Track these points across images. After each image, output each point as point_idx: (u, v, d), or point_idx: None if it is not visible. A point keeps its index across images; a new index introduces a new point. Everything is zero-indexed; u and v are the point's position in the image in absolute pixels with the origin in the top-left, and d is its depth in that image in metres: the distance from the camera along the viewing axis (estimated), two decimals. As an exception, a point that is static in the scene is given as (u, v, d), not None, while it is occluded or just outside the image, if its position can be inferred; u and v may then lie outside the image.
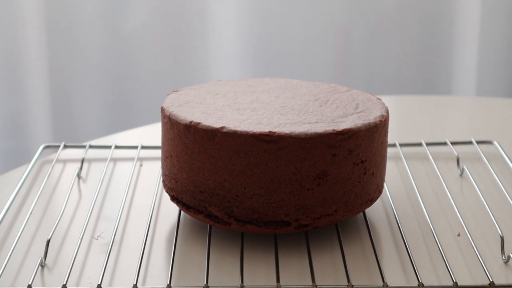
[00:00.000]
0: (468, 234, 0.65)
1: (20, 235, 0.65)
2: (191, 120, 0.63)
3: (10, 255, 0.62)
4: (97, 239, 0.67)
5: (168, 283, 0.58)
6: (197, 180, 0.63)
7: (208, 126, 0.62)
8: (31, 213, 0.69)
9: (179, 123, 0.64)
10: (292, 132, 0.61)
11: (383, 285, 0.58)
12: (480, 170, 0.81)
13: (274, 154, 0.61)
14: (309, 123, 0.62)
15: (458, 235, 0.67)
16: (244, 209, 0.62)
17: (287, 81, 0.75)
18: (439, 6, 1.61)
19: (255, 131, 0.61)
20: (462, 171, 0.80)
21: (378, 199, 0.72)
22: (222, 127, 0.61)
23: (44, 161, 0.83)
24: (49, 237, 0.63)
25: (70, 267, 0.60)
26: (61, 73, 1.63)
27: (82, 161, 0.81)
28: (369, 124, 0.63)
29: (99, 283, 0.58)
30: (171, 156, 0.66)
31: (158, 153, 0.83)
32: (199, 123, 0.62)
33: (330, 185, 0.62)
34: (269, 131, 0.61)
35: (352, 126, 0.62)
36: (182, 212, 0.69)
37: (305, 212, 0.62)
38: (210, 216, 0.64)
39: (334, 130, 0.61)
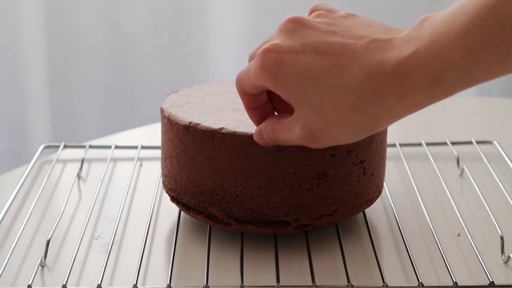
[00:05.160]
0: (468, 234, 0.65)
1: (20, 235, 0.65)
2: (190, 120, 0.63)
3: (10, 255, 0.62)
4: (97, 239, 0.67)
5: (168, 283, 0.58)
6: (196, 181, 0.63)
7: (208, 127, 0.62)
8: (31, 213, 0.69)
9: (179, 123, 0.64)
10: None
11: (383, 285, 0.58)
12: (480, 170, 0.81)
13: (273, 155, 0.61)
14: (309, 123, 0.62)
15: (458, 235, 0.67)
16: (244, 210, 0.62)
17: (287, 81, 0.75)
18: (439, 5, 1.61)
19: (254, 132, 0.61)
20: (462, 171, 0.80)
21: (378, 199, 0.71)
22: (222, 128, 0.61)
23: (44, 161, 0.83)
24: (49, 237, 0.63)
25: (70, 267, 0.60)
26: (61, 73, 1.63)
27: (82, 161, 0.81)
28: (369, 124, 0.63)
29: (99, 283, 0.58)
30: (171, 156, 0.66)
31: (158, 153, 0.83)
32: (198, 124, 0.62)
33: (329, 185, 0.62)
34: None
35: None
36: (182, 212, 0.69)
37: (305, 212, 0.62)
38: (210, 217, 0.64)
39: (334, 130, 0.61)
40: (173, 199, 0.67)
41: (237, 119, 0.63)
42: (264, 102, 0.59)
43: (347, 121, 0.52)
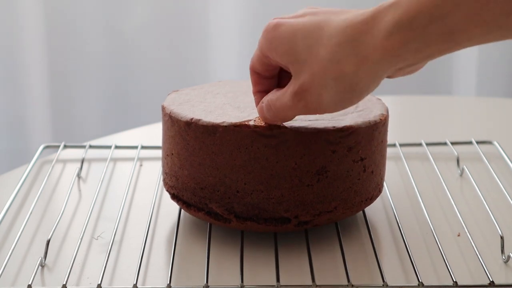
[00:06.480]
0: (468, 234, 0.65)
1: (20, 235, 0.65)
2: (192, 117, 0.63)
3: (10, 255, 0.62)
4: (97, 239, 0.67)
5: (168, 283, 0.58)
6: (197, 177, 0.63)
7: (209, 122, 0.62)
8: (31, 213, 0.69)
9: (180, 120, 0.64)
10: (292, 127, 0.61)
11: (383, 285, 0.58)
12: (480, 170, 0.81)
13: (274, 149, 0.61)
14: (309, 120, 0.63)
15: (458, 235, 0.67)
16: (244, 205, 0.62)
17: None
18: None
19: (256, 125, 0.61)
20: (462, 171, 0.80)
21: (378, 198, 0.72)
22: (223, 122, 0.62)
23: (44, 161, 0.83)
24: (49, 237, 0.63)
25: (70, 267, 0.60)
26: (61, 73, 1.63)
27: (82, 161, 0.81)
28: (369, 122, 0.63)
29: (99, 283, 0.58)
30: (172, 154, 0.66)
31: (158, 153, 0.84)
32: (199, 120, 0.63)
33: (329, 181, 0.62)
34: (270, 126, 0.61)
35: (352, 124, 0.62)
36: (182, 212, 0.69)
37: (304, 209, 0.62)
38: (211, 214, 0.64)
39: (334, 126, 0.62)
40: (174, 196, 0.67)
41: (238, 116, 0.63)
42: (272, 87, 0.61)
43: (327, 72, 0.53)
